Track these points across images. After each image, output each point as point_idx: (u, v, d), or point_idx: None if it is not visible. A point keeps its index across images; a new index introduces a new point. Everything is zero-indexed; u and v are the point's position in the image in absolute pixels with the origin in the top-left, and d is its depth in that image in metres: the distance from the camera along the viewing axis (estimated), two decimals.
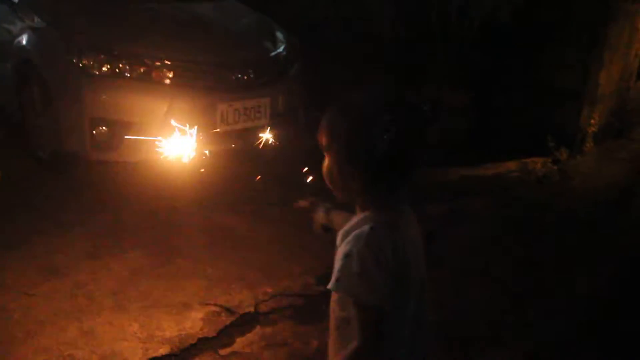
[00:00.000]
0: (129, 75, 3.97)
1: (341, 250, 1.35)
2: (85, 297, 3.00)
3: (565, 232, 4.04)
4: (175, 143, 1.80)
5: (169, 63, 4.05)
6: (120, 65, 3.96)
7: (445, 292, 3.16)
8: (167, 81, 4.04)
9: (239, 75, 4.28)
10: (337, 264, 1.34)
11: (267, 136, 2.03)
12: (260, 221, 3.85)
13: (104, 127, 3.94)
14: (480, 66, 5.53)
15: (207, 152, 1.99)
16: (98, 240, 3.52)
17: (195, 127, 1.87)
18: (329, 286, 1.35)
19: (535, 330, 3.02)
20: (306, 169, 1.75)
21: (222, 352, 2.73)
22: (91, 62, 3.96)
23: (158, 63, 4.01)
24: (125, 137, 3.89)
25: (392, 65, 6.06)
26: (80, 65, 3.96)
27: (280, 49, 4.75)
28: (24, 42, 4.30)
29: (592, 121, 5.41)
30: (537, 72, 5.37)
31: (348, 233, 1.37)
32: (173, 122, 1.91)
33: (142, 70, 3.99)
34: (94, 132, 3.95)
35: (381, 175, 1.34)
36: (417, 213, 1.45)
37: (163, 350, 2.67)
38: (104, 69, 3.96)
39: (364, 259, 1.29)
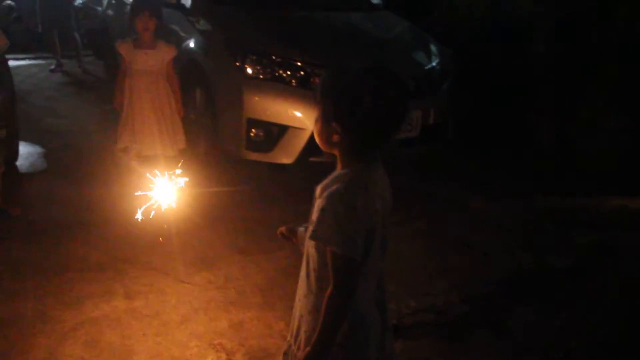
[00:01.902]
0: (287, 80, 4.11)
1: (319, 204, 1.51)
2: (236, 291, 3.12)
3: None
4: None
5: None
6: (280, 71, 4.11)
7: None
8: None
9: None
10: (315, 216, 1.52)
11: None
12: (406, 234, 3.81)
13: (260, 129, 4.11)
14: None
15: None
16: (247, 236, 3.67)
17: None
18: (307, 235, 1.55)
19: None
20: None
21: None
22: (252, 66, 4.15)
23: (316, 70, 4.11)
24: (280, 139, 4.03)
25: (543, 82, 5.82)
26: (242, 68, 4.16)
27: (434, 63, 4.71)
28: (192, 44, 4.59)
29: None
30: None
31: (326, 187, 1.54)
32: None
33: (300, 76, 4.11)
34: (250, 133, 4.12)
35: (359, 133, 1.50)
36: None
37: None
38: (265, 73, 4.13)
39: (336, 214, 1.46)
